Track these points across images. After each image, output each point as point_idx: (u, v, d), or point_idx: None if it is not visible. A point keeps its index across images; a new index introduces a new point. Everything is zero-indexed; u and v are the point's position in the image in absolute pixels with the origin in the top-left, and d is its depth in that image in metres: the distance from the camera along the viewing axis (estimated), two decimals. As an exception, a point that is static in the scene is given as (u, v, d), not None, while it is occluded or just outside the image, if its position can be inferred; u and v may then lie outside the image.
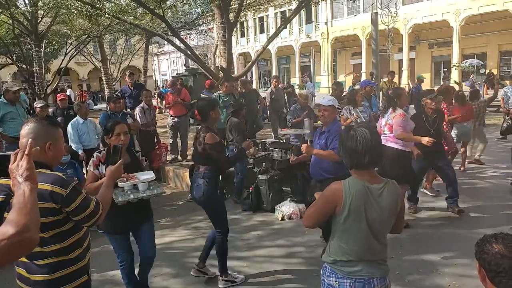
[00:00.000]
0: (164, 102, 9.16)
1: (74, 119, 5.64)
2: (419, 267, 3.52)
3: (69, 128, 5.57)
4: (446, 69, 23.99)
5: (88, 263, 1.98)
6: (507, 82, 8.62)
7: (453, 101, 6.41)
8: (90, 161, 2.76)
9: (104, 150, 2.83)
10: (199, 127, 3.68)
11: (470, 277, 3.20)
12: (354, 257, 1.86)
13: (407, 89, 14.14)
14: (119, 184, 2.70)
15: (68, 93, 15.67)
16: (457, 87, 10.23)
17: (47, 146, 1.82)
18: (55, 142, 1.86)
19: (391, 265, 2.87)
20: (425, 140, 4.11)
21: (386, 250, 1.95)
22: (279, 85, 9.39)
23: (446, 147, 5.28)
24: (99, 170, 2.72)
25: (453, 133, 6.29)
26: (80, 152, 5.41)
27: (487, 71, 21.72)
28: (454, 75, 21.64)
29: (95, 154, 2.79)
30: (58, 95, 7.09)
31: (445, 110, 5.88)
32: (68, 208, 1.76)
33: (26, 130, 1.84)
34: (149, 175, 2.87)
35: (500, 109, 7.66)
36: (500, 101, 8.62)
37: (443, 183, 4.97)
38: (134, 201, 2.77)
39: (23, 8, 11.71)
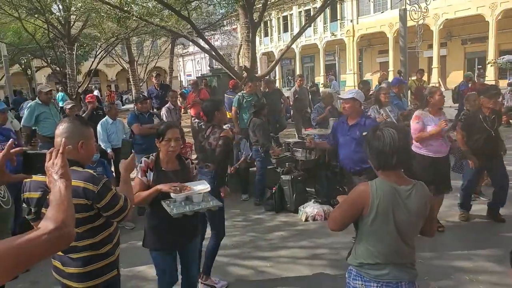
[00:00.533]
0: (186, 102, 9.31)
1: (104, 119, 5.82)
2: (450, 273, 3.38)
3: (98, 127, 5.74)
4: (480, 66, 22.95)
5: (118, 259, 2.06)
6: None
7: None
8: (137, 167, 2.48)
9: (152, 155, 2.59)
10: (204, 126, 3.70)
11: (506, 286, 3.03)
12: (382, 260, 1.80)
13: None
14: (172, 195, 2.44)
15: (95, 93, 16.17)
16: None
17: (80, 145, 1.91)
18: (86, 141, 1.96)
19: (419, 270, 2.77)
20: (442, 124, 3.80)
21: (414, 253, 1.89)
22: (303, 84, 9.30)
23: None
24: (147, 176, 2.50)
25: None
26: (109, 150, 5.58)
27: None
28: (490, 72, 20.68)
29: (143, 159, 2.54)
30: (87, 96, 7.35)
31: None
32: (99, 204, 1.85)
33: (60, 129, 1.94)
34: (204, 185, 2.61)
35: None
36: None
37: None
38: (190, 213, 2.46)
39: (57, 14, 12.21)
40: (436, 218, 4.06)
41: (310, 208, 4.90)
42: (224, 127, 3.58)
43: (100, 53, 13.98)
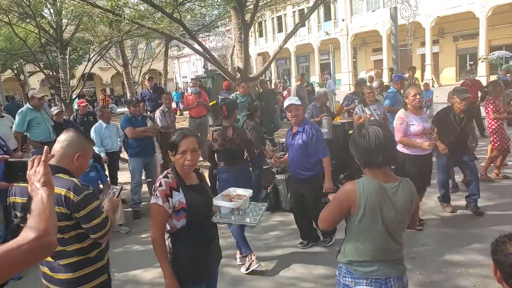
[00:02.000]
0: (183, 103, 9.30)
1: (97, 123, 5.82)
2: (442, 267, 3.42)
3: (92, 132, 5.74)
4: (472, 62, 23.11)
5: (108, 263, 2.04)
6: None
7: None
8: (156, 193, 2.04)
9: (168, 173, 2.12)
10: (219, 127, 3.79)
11: (495, 279, 3.07)
12: (370, 257, 1.83)
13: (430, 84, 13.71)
14: (219, 203, 2.26)
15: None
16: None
17: (76, 156, 1.91)
18: (84, 154, 1.96)
19: (413, 265, 2.80)
20: (426, 145, 3.92)
21: (402, 249, 1.92)
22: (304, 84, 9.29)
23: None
24: (170, 202, 2.04)
25: None
26: (103, 155, 5.58)
27: (517, 62, 20.82)
28: (482, 68, 20.83)
29: (163, 181, 2.06)
30: (79, 101, 7.32)
31: (491, 106, 5.58)
32: (78, 214, 1.82)
33: (63, 137, 1.95)
34: (244, 191, 2.45)
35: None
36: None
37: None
38: (234, 224, 2.30)
39: (48, 18, 12.16)
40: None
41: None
42: None
43: (93, 56, 13.95)
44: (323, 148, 3.73)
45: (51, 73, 14.58)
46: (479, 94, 7.55)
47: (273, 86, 19.15)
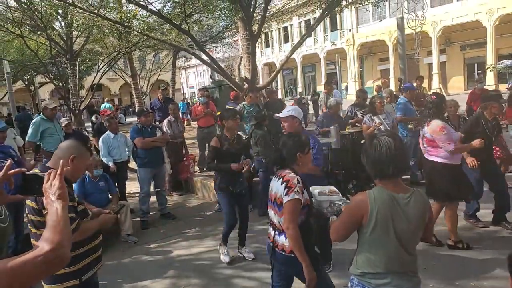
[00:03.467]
0: (192, 114, 9.37)
1: (105, 133, 5.86)
2: (455, 279, 3.35)
3: (100, 142, 5.79)
4: (480, 71, 23.00)
5: (83, 269, 2.09)
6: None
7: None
8: (296, 189, 2.19)
9: (291, 172, 2.29)
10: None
11: (511, 291, 3.00)
12: (383, 269, 1.80)
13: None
14: (321, 198, 2.33)
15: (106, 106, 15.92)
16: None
17: (71, 158, 1.99)
18: (79, 157, 2.05)
19: (424, 277, 2.75)
20: (477, 142, 3.75)
21: (416, 261, 1.89)
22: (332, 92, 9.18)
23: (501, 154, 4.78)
24: (303, 199, 2.24)
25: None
26: (111, 164, 5.58)
27: (525, 71, 20.66)
28: (490, 77, 20.70)
29: (297, 178, 2.24)
30: (101, 111, 7.35)
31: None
32: (45, 210, 1.89)
33: (63, 143, 2.16)
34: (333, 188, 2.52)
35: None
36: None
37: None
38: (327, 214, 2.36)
39: (59, 30, 12.42)
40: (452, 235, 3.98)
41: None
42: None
43: (102, 67, 14.17)
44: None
45: (60, 83, 14.81)
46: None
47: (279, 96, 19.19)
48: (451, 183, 3.85)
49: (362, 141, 5.44)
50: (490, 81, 20.08)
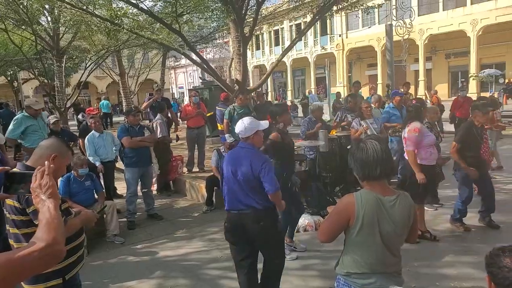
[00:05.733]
0: (181, 114, 9.33)
1: (90, 133, 5.75)
2: (436, 280, 3.44)
3: (85, 141, 5.70)
4: (463, 79, 23.59)
5: (67, 268, 2.08)
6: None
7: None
8: None
9: None
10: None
11: (489, 292, 3.09)
12: (368, 270, 1.85)
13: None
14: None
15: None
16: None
17: (52, 157, 1.96)
18: (60, 157, 2.03)
19: (407, 277, 2.82)
20: (419, 178, 4.02)
21: (400, 262, 1.94)
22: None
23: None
24: None
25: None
26: (98, 164, 5.52)
27: (506, 80, 21.25)
28: (473, 85, 21.24)
29: None
30: (87, 109, 7.24)
31: None
32: (28, 209, 1.92)
33: (44, 141, 2.14)
34: None
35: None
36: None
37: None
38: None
39: (45, 25, 12.19)
40: (421, 227, 4.20)
41: (301, 219, 4.91)
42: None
43: (90, 65, 13.97)
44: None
45: (45, 80, 14.53)
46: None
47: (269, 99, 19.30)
48: (427, 183, 4.09)
49: (348, 147, 5.54)
50: (472, 89, 20.62)
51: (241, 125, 2.92)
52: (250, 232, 2.86)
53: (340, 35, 28.39)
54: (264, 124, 3.01)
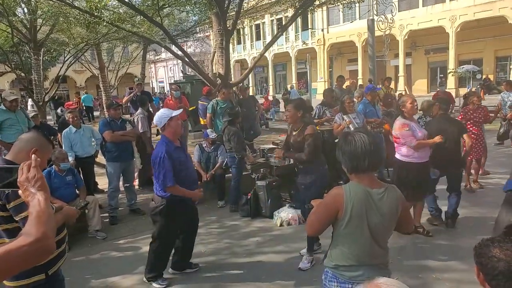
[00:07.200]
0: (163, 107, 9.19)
1: (67, 128, 5.57)
2: (419, 272, 3.53)
3: (62, 136, 5.55)
4: (442, 75, 24.16)
5: (49, 263, 2.05)
6: (503, 87, 8.69)
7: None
8: None
9: None
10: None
11: (468, 283, 3.21)
12: (356, 262, 1.87)
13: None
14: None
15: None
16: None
17: (32, 151, 1.93)
18: (40, 150, 1.99)
19: (391, 270, 2.88)
20: (438, 138, 3.90)
21: (387, 254, 1.97)
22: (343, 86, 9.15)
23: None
24: None
25: None
26: (71, 159, 5.21)
27: (484, 76, 21.90)
28: (451, 81, 21.78)
29: None
30: (67, 104, 7.03)
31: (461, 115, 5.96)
32: (8, 205, 1.89)
33: (23, 135, 2.10)
34: None
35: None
36: (495, 106, 8.69)
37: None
38: None
39: (22, 17, 11.75)
40: (416, 222, 4.20)
41: (285, 213, 4.96)
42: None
43: (68, 59, 13.57)
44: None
45: (22, 74, 14.02)
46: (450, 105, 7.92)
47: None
48: (416, 181, 4.04)
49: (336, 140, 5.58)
50: (451, 85, 21.14)
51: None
52: None
53: (322, 30, 28.52)
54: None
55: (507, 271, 1.18)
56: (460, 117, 6.00)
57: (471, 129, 5.78)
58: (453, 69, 21.39)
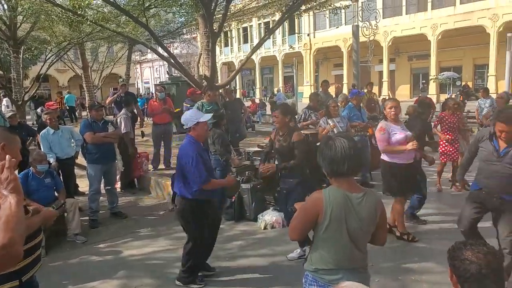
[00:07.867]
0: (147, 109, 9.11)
1: (45, 129, 5.44)
2: (398, 275, 3.58)
3: (40, 138, 5.40)
4: (424, 81, 24.71)
5: (23, 269, 1.97)
6: (480, 94, 8.95)
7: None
8: None
9: None
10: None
11: (445, 284, 3.22)
12: (335, 266, 1.88)
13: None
14: None
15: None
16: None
17: (0, 146, 1.86)
18: (8, 144, 1.92)
19: (371, 272, 2.91)
20: (409, 146, 3.99)
21: (366, 258, 1.99)
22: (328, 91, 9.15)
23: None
24: None
25: None
26: (52, 161, 5.15)
27: (463, 83, 22.50)
28: (432, 87, 22.30)
29: None
30: (47, 104, 6.86)
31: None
32: None
33: None
34: None
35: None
36: (474, 112, 8.93)
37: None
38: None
39: (1, 13, 11.45)
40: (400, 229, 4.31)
41: (269, 216, 4.96)
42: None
43: (50, 57, 13.28)
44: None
45: (0, 72, 13.65)
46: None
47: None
48: (400, 181, 4.17)
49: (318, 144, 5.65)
50: (432, 91, 21.64)
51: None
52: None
53: (308, 35, 28.79)
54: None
55: (479, 274, 1.21)
56: (435, 122, 6.22)
57: (446, 135, 5.95)
58: (434, 75, 21.90)
